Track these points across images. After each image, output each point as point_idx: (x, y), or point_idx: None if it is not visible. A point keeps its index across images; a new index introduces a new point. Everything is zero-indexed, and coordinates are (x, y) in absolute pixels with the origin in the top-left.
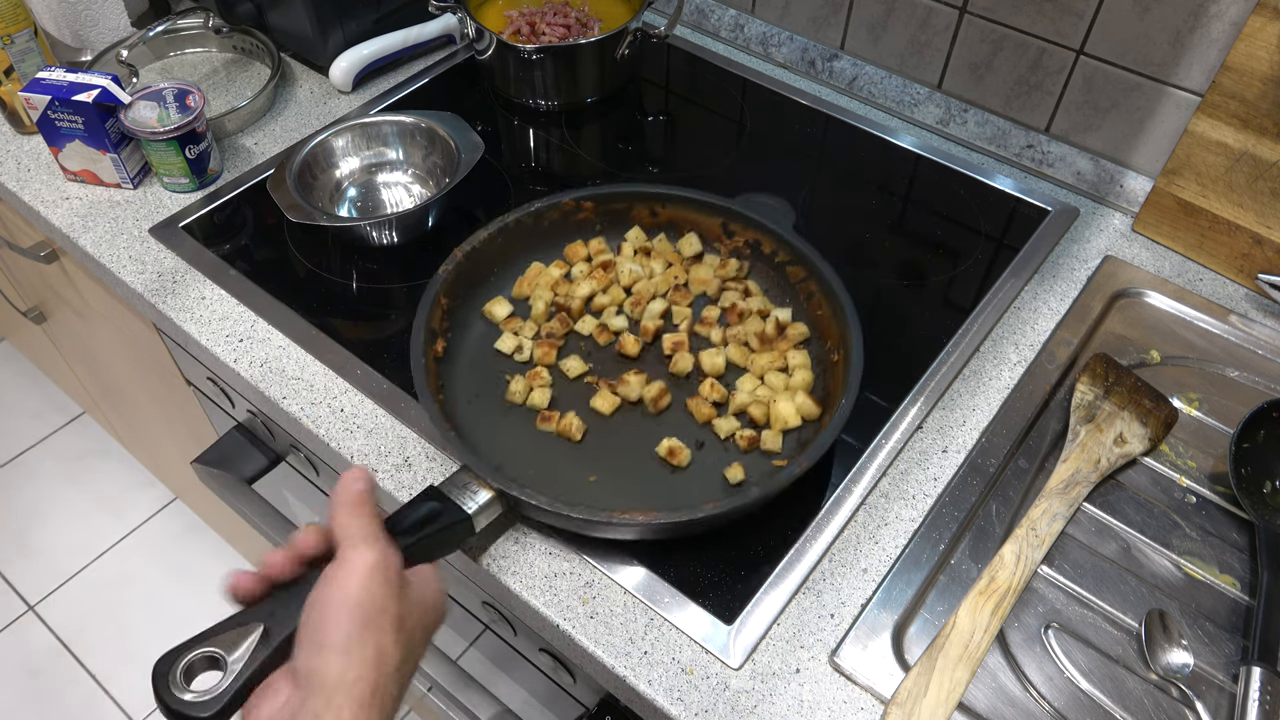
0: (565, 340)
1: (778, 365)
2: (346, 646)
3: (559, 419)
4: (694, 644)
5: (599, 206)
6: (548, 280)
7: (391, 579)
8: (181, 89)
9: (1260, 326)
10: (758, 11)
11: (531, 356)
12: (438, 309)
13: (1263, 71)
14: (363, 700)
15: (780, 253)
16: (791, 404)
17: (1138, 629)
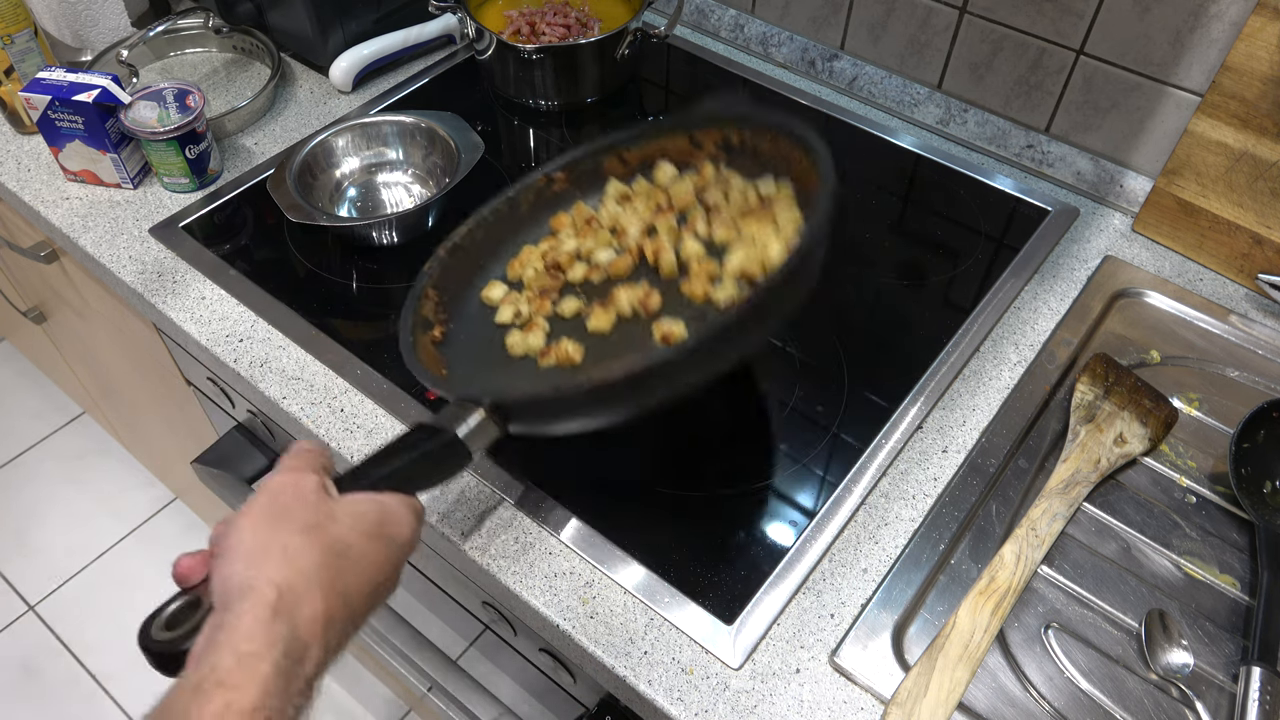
0: (559, 292)
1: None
2: (249, 551)
3: (555, 349)
4: (694, 644)
5: (571, 174)
6: (537, 254)
7: (303, 493)
8: (181, 89)
9: (1260, 326)
10: (758, 11)
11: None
12: (428, 301)
13: (1263, 71)
14: (265, 601)
15: (746, 135)
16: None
17: (1138, 629)
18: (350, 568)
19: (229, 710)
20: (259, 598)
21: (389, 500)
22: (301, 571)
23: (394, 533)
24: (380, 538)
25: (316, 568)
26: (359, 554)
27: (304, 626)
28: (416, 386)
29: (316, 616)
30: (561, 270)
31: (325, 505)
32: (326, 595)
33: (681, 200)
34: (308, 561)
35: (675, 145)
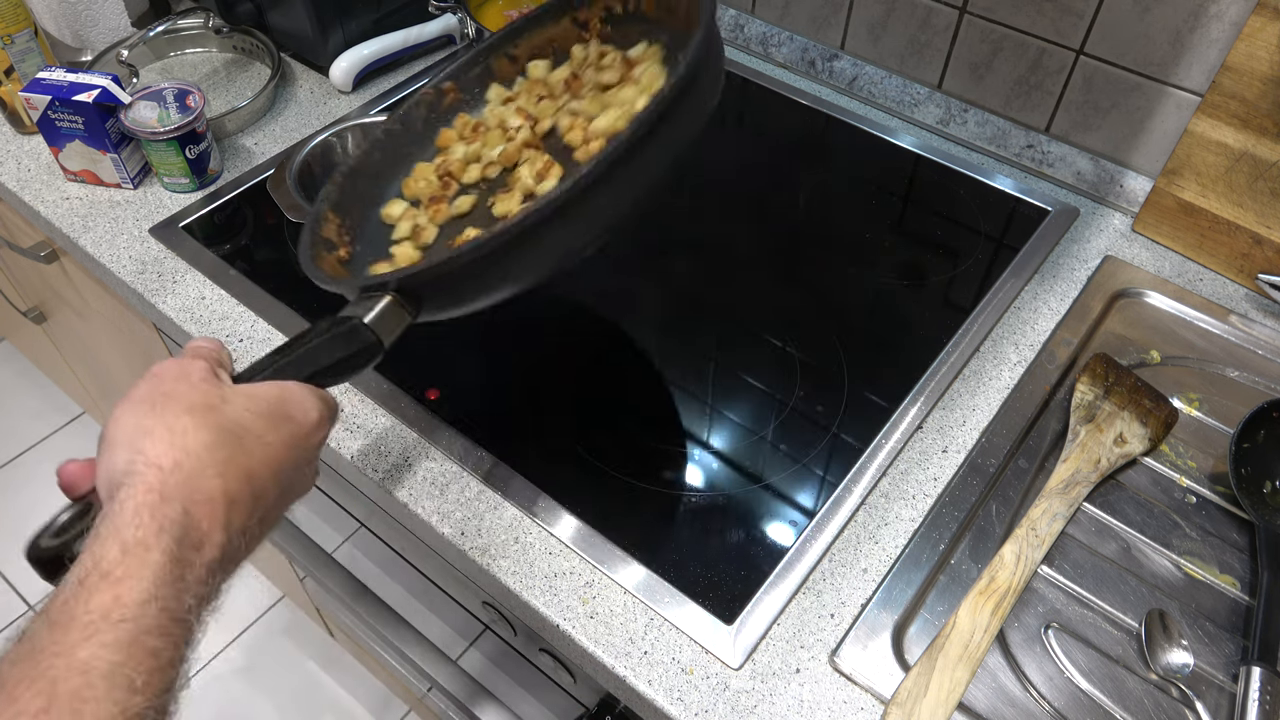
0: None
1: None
2: (129, 436)
3: (460, 238)
4: (694, 644)
5: (460, 81)
6: (430, 169)
7: (189, 376)
8: (181, 89)
9: (1260, 326)
10: (758, 11)
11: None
12: (328, 223)
13: (1263, 71)
14: (149, 486)
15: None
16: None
17: (1138, 629)
18: (251, 449)
19: (117, 604)
20: (142, 480)
21: (290, 384)
22: (190, 451)
23: (296, 414)
24: (282, 418)
25: (207, 446)
26: (258, 435)
27: (198, 508)
28: (416, 387)
29: (214, 497)
30: (454, 177)
31: (216, 389)
32: (223, 475)
33: (558, 87)
34: (196, 441)
35: (561, 32)
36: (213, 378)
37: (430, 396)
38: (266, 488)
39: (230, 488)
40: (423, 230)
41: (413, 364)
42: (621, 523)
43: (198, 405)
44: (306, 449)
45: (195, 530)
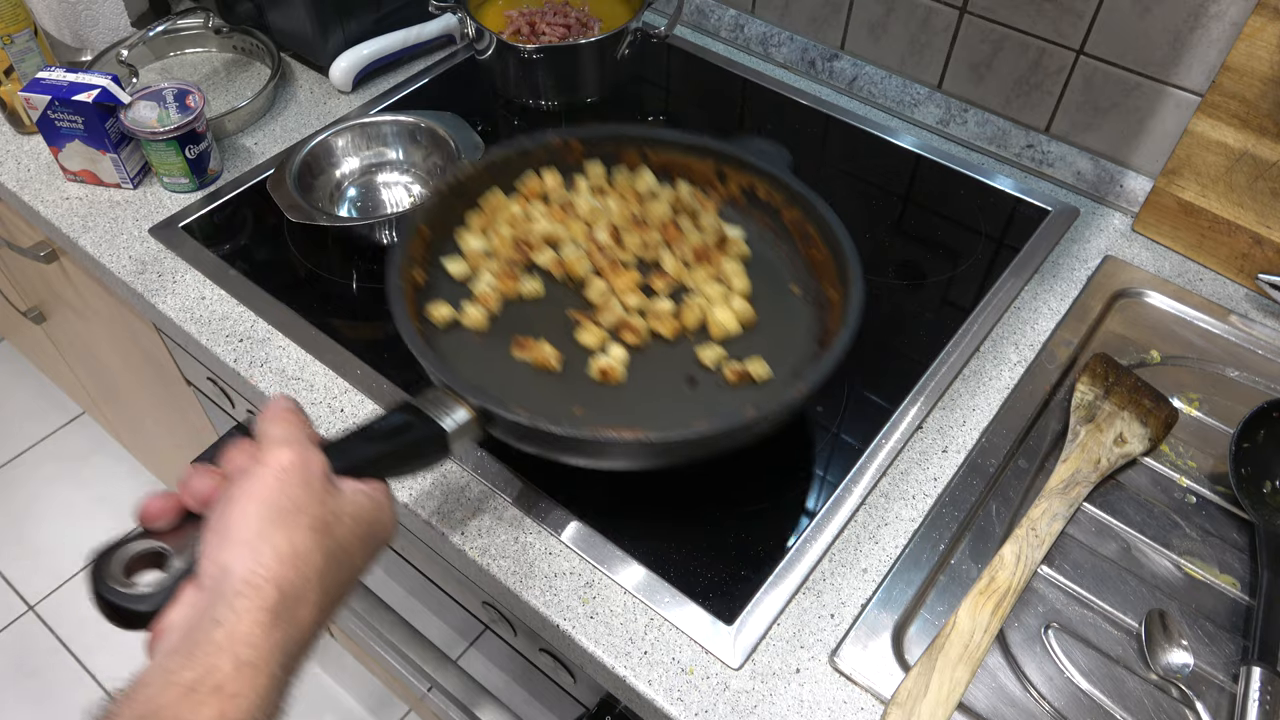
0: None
1: (713, 276)
2: (254, 542)
3: (534, 348)
4: (694, 644)
5: (587, 147)
6: (508, 215)
7: (312, 482)
8: (181, 89)
9: (1260, 326)
10: (758, 11)
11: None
12: (418, 238)
13: (1263, 71)
14: (267, 604)
15: (775, 196)
16: (729, 310)
17: (1138, 629)
18: (342, 571)
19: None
20: (262, 599)
21: (380, 498)
22: (305, 577)
23: (381, 534)
24: (371, 536)
25: (319, 573)
26: (350, 557)
27: (299, 632)
28: (416, 387)
29: (310, 622)
30: (530, 249)
31: (331, 500)
32: (320, 600)
33: (654, 218)
34: (311, 567)
35: (701, 168)
36: (328, 484)
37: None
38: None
39: (323, 610)
40: (489, 298)
41: (412, 364)
42: (621, 523)
43: (317, 525)
44: (379, 554)
45: (294, 653)
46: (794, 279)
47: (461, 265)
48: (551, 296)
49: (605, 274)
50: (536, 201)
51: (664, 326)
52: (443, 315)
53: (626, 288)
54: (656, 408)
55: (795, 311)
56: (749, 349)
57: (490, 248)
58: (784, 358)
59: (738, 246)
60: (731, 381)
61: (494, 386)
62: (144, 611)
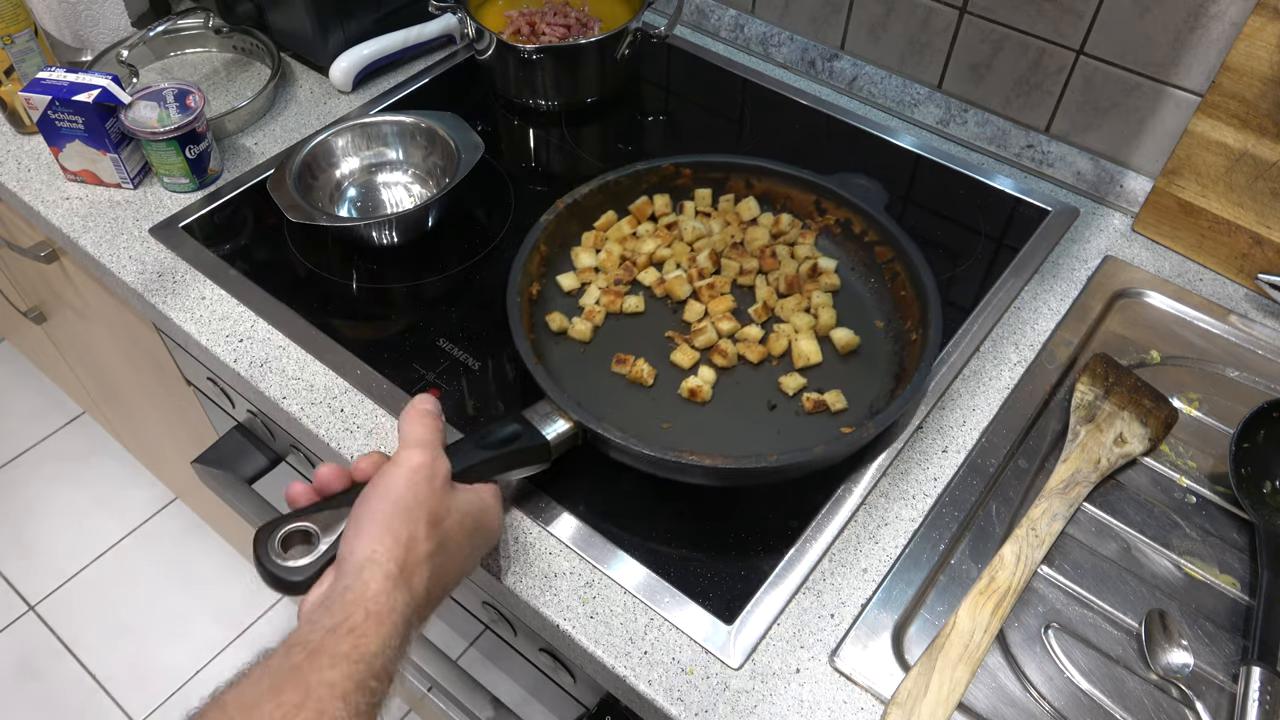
0: (630, 287)
1: (801, 306)
2: (379, 531)
3: (634, 365)
4: (694, 644)
5: (697, 174)
6: (618, 234)
7: (435, 481)
8: (181, 89)
9: (1260, 326)
10: (758, 11)
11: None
12: (536, 254)
13: (1263, 71)
14: (389, 574)
15: (870, 232)
16: (813, 342)
17: (1138, 629)
18: (449, 558)
19: (357, 650)
20: (383, 570)
21: (489, 498)
22: (418, 558)
23: (487, 524)
24: (477, 528)
25: (429, 555)
26: (457, 546)
27: (413, 597)
28: (416, 386)
29: (423, 590)
30: (634, 267)
31: (447, 499)
32: (429, 577)
33: (754, 243)
34: (424, 551)
35: (801, 199)
36: (449, 485)
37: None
38: (450, 582)
39: (432, 588)
40: (595, 312)
41: (413, 364)
42: (621, 523)
43: (432, 519)
44: (486, 550)
45: (408, 612)
46: (879, 314)
47: (572, 279)
48: (651, 313)
49: (702, 297)
50: (646, 222)
51: (751, 352)
52: (556, 324)
53: (721, 312)
54: (736, 429)
55: (877, 346)
56: (829, 379)
57: (599, 263)
58: (861, 391)
59: (829, 277)
60: (809, 410)
61: (593, 398)
62: (298, 581)
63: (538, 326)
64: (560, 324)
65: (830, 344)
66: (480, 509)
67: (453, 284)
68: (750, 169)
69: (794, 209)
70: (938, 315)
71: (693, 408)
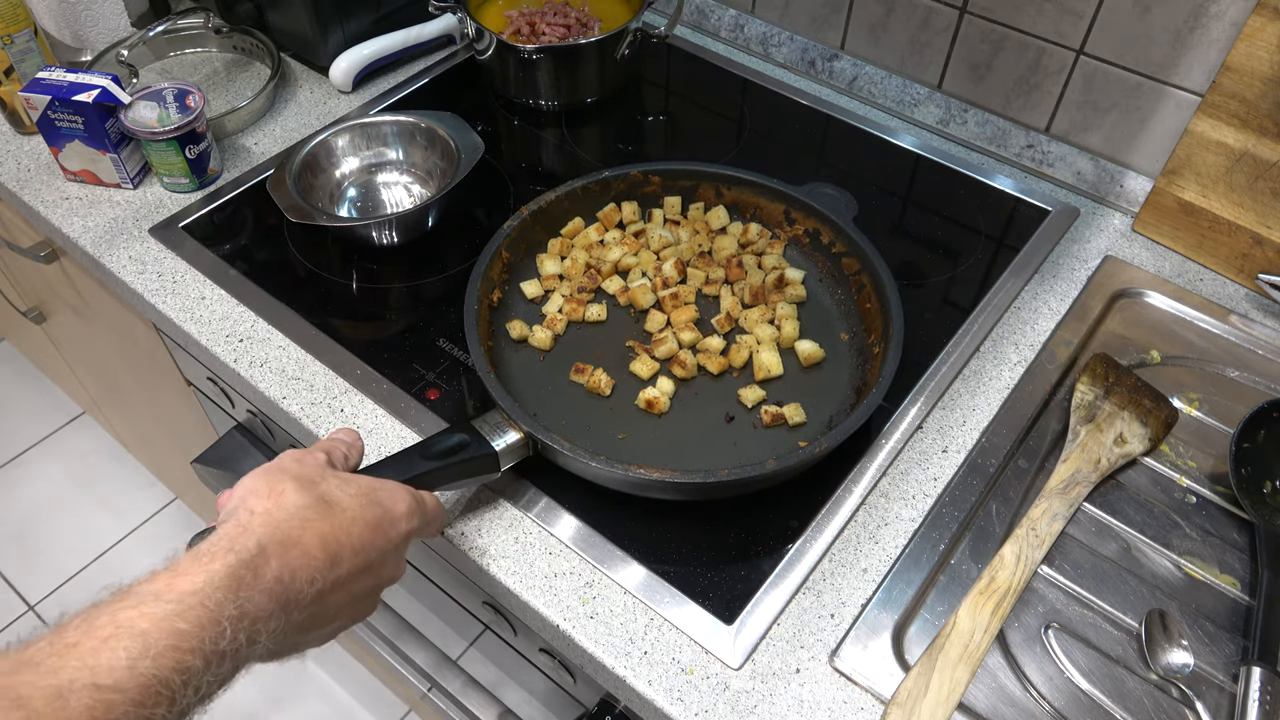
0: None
1: (765, 318)
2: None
3: (591, 375)
4: (694, 644)
5: (666, 181)
6: (585, 241)
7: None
8: (181, 89)
9: (1260, 326)
10: (758, 11)
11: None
12: (498, 261)
13: (1263, 71)
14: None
15: (837, 243)
16: (774, 354)
17: (1138, 629)
18: (337, 518)
19: (168, 589)
20: (234, 519)
21: (386, 481)
22: (282, 506)
23: (384, 501)
24: (371, 502)
25: (299, 506)
26: (346, 508)
27: (271, 545)
28: (416, 386)
29: (288, 540)
30: (599, 275)
31: (321, 470)
32: (304, 529)
33: (722, 253)
34: (290, 500)
35: (771, 209)
36: (325, 465)
37: (430, 397)
38: (343, 554)
39: (307, 540)
40: (557, 321)
41: (413, 364)
42: (621, 523)
43: (301, 477)
44: (390, 535)
45: (260, 558)
46: (845, 326)
47: (536, 286)
48: (614, 322)
49: (665, 307)
50: (613, 229)
51: (712, 363)
52: (517, 332)
53: (683, 323)
54: (691, 441)
55: (841, 359)
56: (790, 392)
57: (564, 270)
58: (822, 404)
59: (795, 288)
60: (766, 423)
61: (547, 408)
62: None
63: (497, 334)
64: (521, 332)
65: (794, 356)
66: (371, 484)
67: (453, 284)
68: (720, 177)
69: (763, 218)
70: (899, 328)
71: (649, 419)
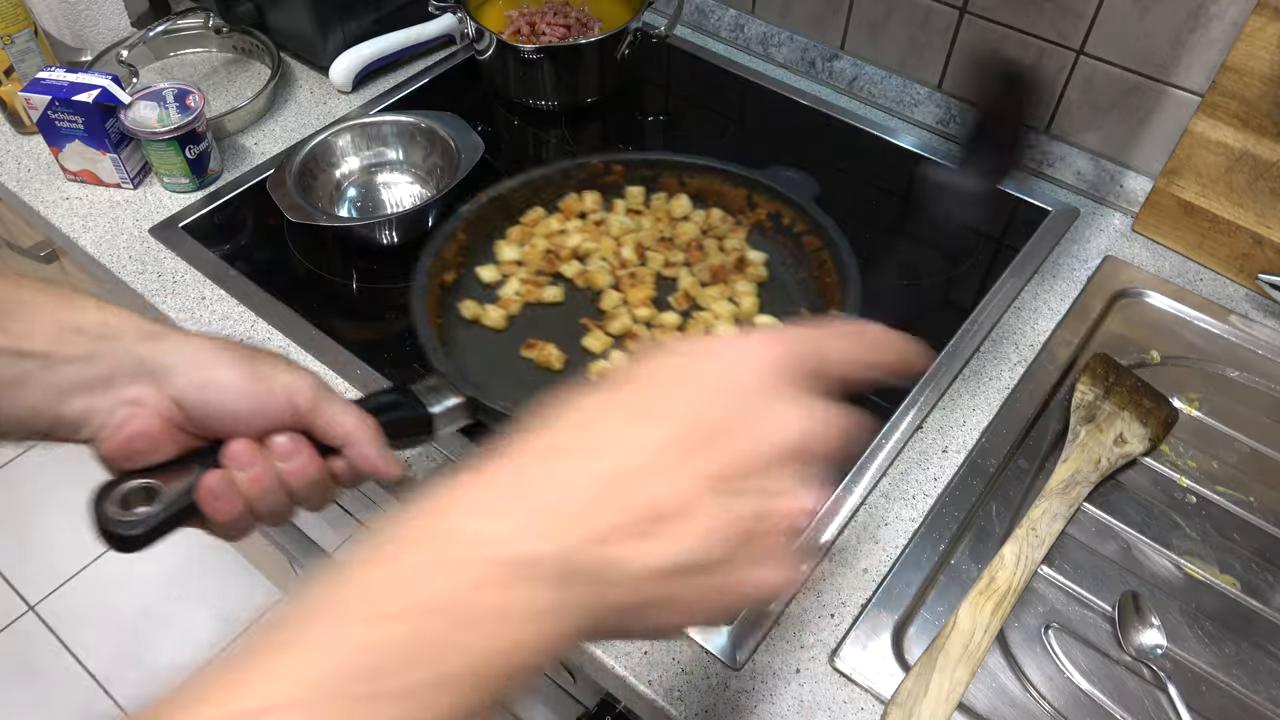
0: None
1: (725, 296)
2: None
3: (541, 349)
4: (694, 644)
5: (628, 171)
6: (545, 229)
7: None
8: (181, 89)
9: (1260, 326)
10: (758, 11)
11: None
12: (453, 241)
13: (1263, 71)
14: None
15: (799, 223)
16: (731, 328)
17: None
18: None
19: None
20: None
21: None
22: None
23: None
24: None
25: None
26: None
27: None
28: (415, 385)
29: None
30: (557, 260)
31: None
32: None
33: (683, 239)
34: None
35: (733, 195)
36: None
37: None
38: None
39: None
40: (512, 302)
41: (413, 364)
42: None
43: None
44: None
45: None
46: (805, 303)
47: (493, 272)
48: (570, 303)
49: (623, 286)
50: (574, 219)
51: (667, 338)
52: (469, 312)
53: (639, 300)
54: None
55: None
56: None
57: (522, 257)
58: None
59: (756, 269)
60: None
61: (493, 380)
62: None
63: (449, 312)
64: (474, 312)
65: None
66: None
67: None
68: (682, 166)
69: (727, 205)
70: (856, 297)
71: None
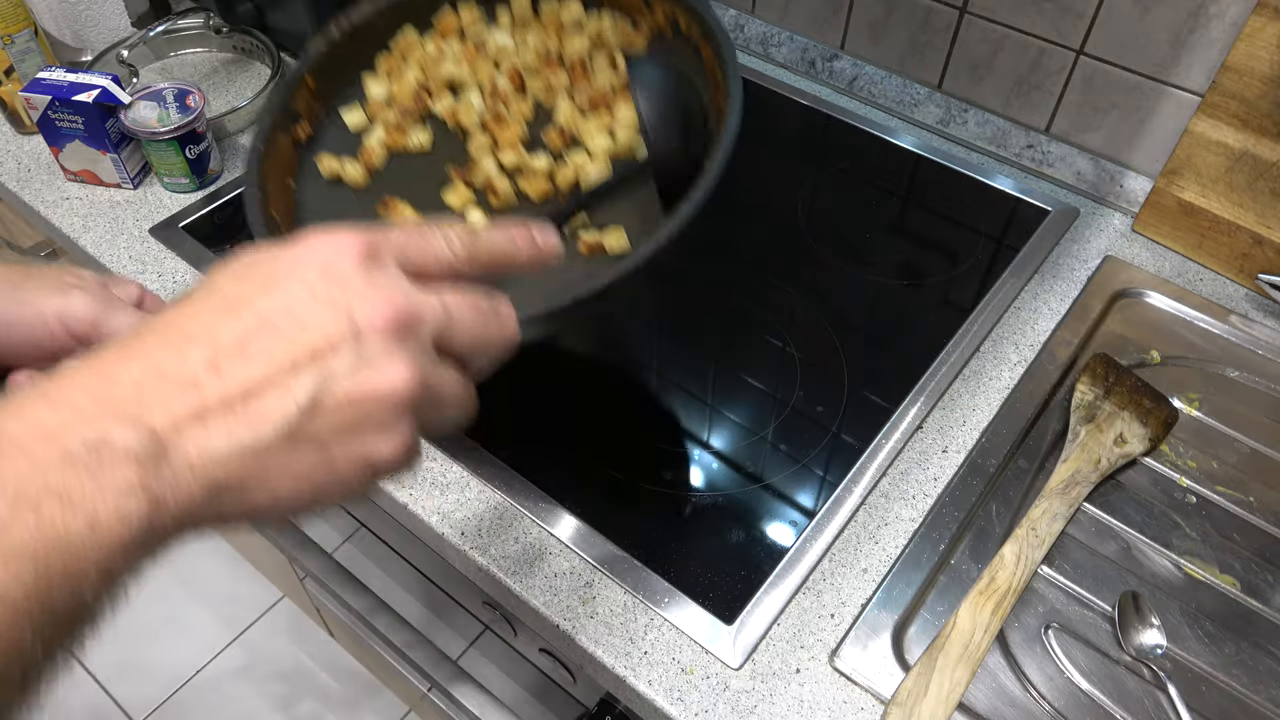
0: (423, 122)
1: (603, 128)
2: None
3: (394, 205)
4: (694, 644)
5: None
6: (418, 56)
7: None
8: (182, 89)
9: (1260, 326)
10: (758, 11)
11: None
12: (303, 89)
13: (1263, 71)
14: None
15: (694, 30)
16: (605, 167)
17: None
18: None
19: None
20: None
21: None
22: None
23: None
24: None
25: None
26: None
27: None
28: None
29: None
30: (430, 97)
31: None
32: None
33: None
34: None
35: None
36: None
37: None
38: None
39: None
40: (374, 153)
41: None
42: (621, 523)
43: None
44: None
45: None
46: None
47: (359, 116)
48: (440, 148)
49: (490, 127)
50: (452, 39)
51: (533, 187)
52: (329, 169)
53: (508, 143)
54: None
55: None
56: (619, 214)
57: (391, 95)
58: (653, 227)
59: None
60: (583, 254)
61: None
62: None
63: (307, 173)
64: (330, 167)
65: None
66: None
67: None
68: None
69: (623, 7)
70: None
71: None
